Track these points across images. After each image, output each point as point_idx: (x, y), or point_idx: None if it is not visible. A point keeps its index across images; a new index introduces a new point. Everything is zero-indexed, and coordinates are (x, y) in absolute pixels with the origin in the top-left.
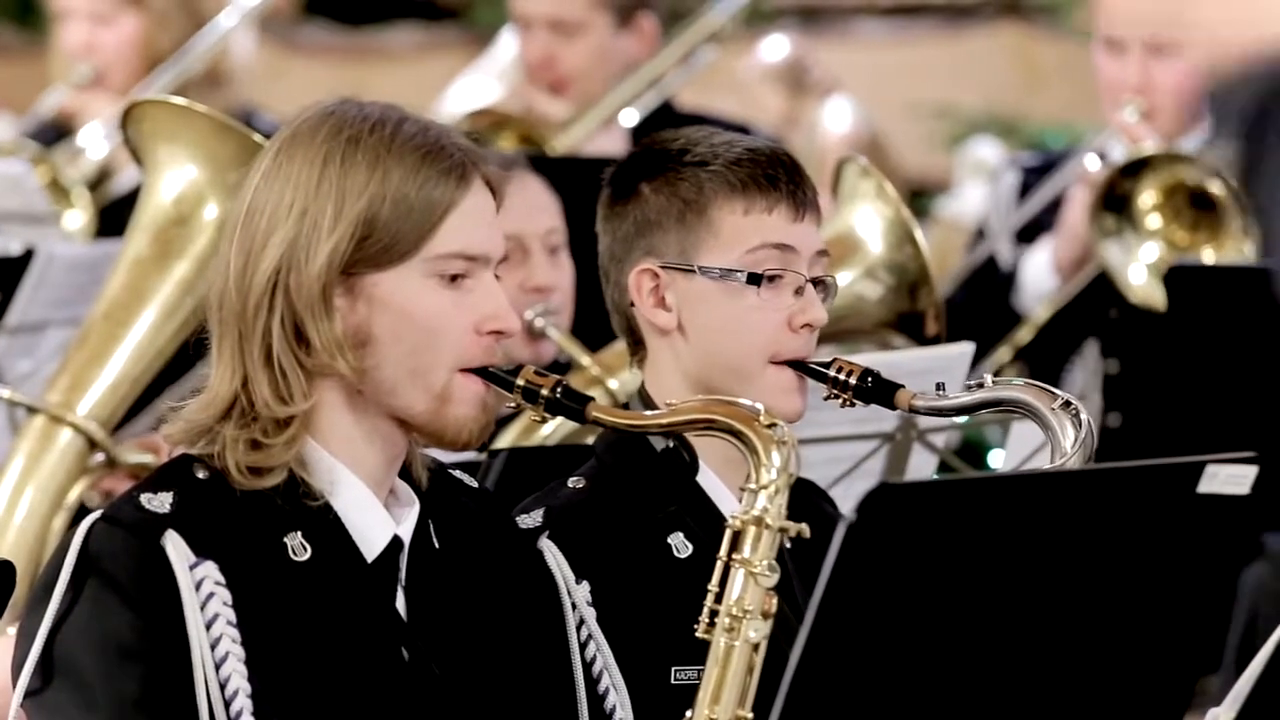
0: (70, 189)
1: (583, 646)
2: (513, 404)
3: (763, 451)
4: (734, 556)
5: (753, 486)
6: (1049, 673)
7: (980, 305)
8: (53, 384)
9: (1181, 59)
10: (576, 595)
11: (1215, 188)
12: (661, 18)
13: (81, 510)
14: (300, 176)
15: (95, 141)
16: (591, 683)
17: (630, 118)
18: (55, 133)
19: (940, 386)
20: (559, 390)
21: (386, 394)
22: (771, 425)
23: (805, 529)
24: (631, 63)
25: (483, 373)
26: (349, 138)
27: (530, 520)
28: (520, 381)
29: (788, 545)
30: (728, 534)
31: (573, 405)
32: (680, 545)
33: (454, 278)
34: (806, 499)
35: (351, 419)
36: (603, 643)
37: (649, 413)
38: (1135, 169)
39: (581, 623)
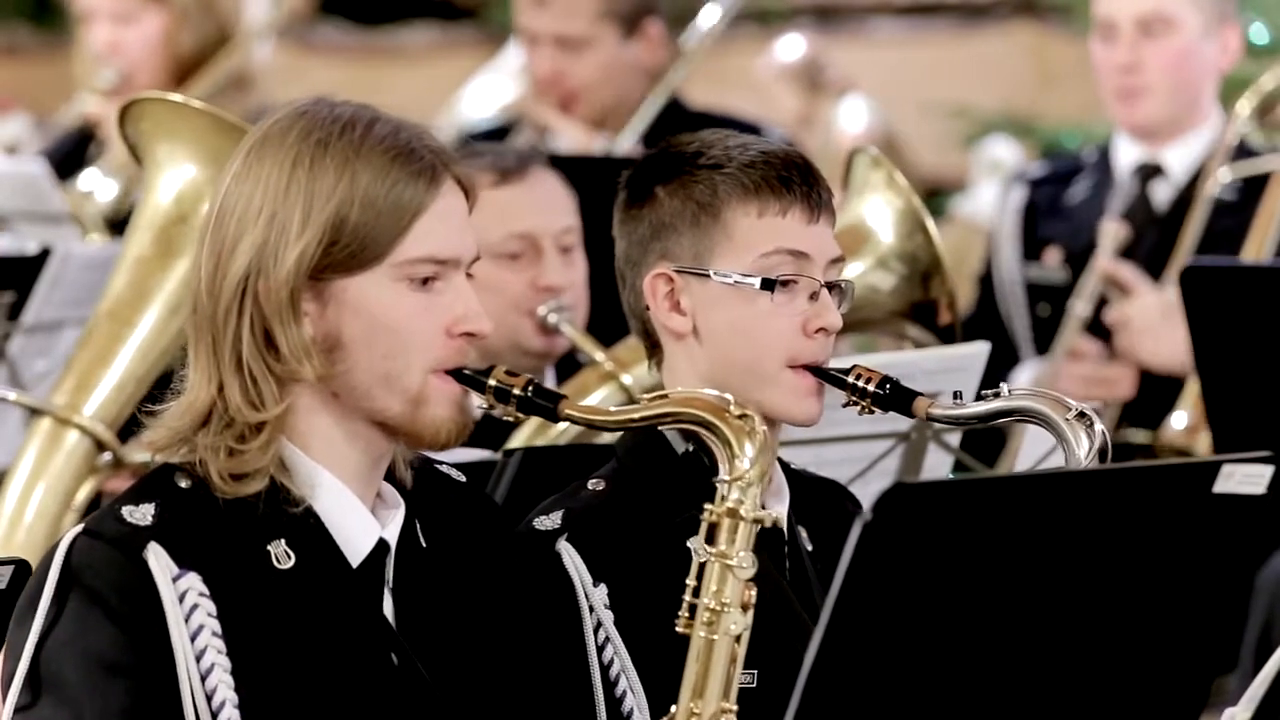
0: (88, 222)
1: (600, 649)
2: (485, 404)
3: (735, 443)
4: (709, 549)
5: (726, 478)
6: (1065, 672)
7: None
8: (58, 385)
9: (1170, 40)
10: (594, 598)
11: None
12: (665, 19)
13: (92, 509)
14: (269, 179)
15: (99, 183)
16: (609, 685)
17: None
18: (79, 137)
19: (957, 395)
20: (530, 389)
21: (362, 398)
22: (743, 416)
23: (782, 518)
24: (641, 69)
25: (455, 374)
26: (318, 140)
27: (549, 522)
28: (492, 381)
29: (808, 547)
30: (703, 527)
31: (545, 404)
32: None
33: (425, 280)
34: (831, 499)
35: (330, 422)
36: (620, 645)
37: (619, 408)
38: None
39: (599, 625)
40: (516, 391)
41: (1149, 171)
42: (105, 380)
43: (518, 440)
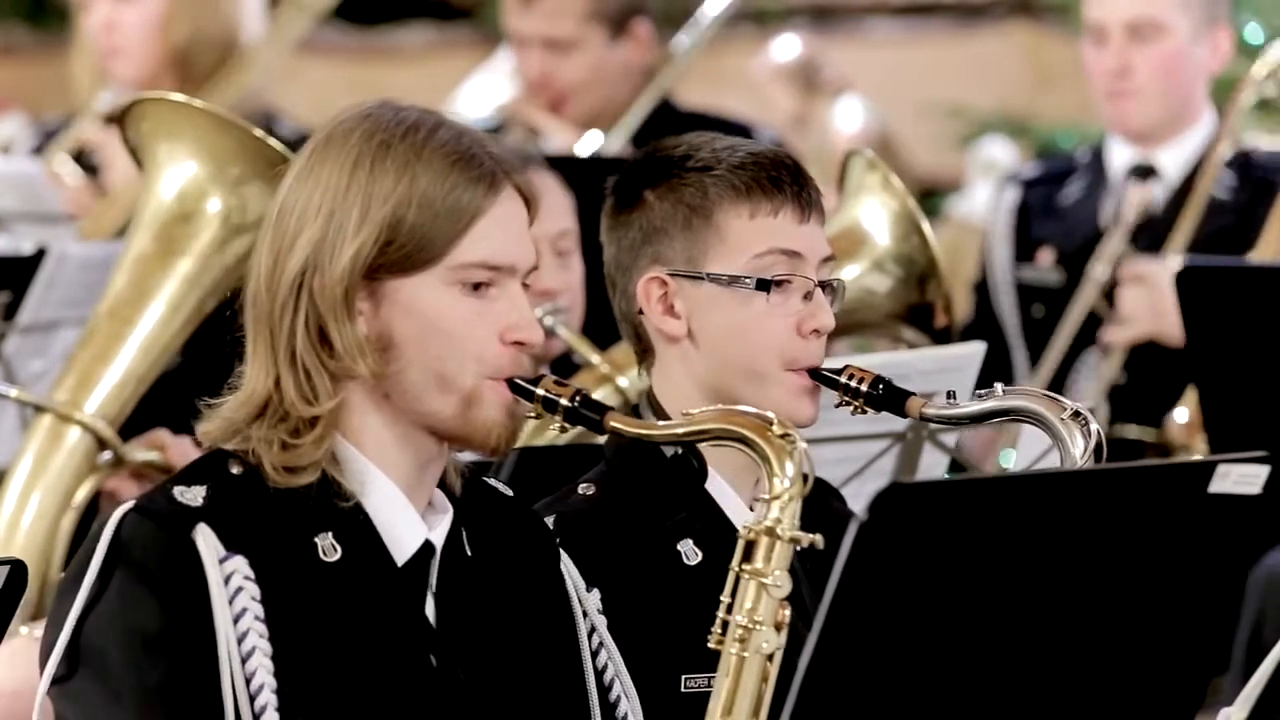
0: None
1: (594, 654)
2: (533, 413)
3: (775, 461)
4: (745, 567)
5: (765, 496)
6: (1061, 673)
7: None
8: (60, 383)
9: (1160, 44)
10: (588, 603)
11: None
12: (655, 19)
13: (90, 510)
14: (330, 178)
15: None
16: (603, 690)
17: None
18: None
19: (951, 395)
20: (578, 400)
21: (414, 400)
22: (784, 435)
23: (819, 539)
24: (630, 69)
25: (507, 382)
26: (381, 142)
27: None
28: (540, 391)
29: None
30: (740, 544)
31: (591, 415)
32: (690, 552)
33: (478, 286)
34: (818, 497)
35: (382, 421)
36: (614, 650)
37: (664, 423)
38: None
39: (593, 630)
40: (564, 402)
41: (1143, 172)
42: (106, 378)
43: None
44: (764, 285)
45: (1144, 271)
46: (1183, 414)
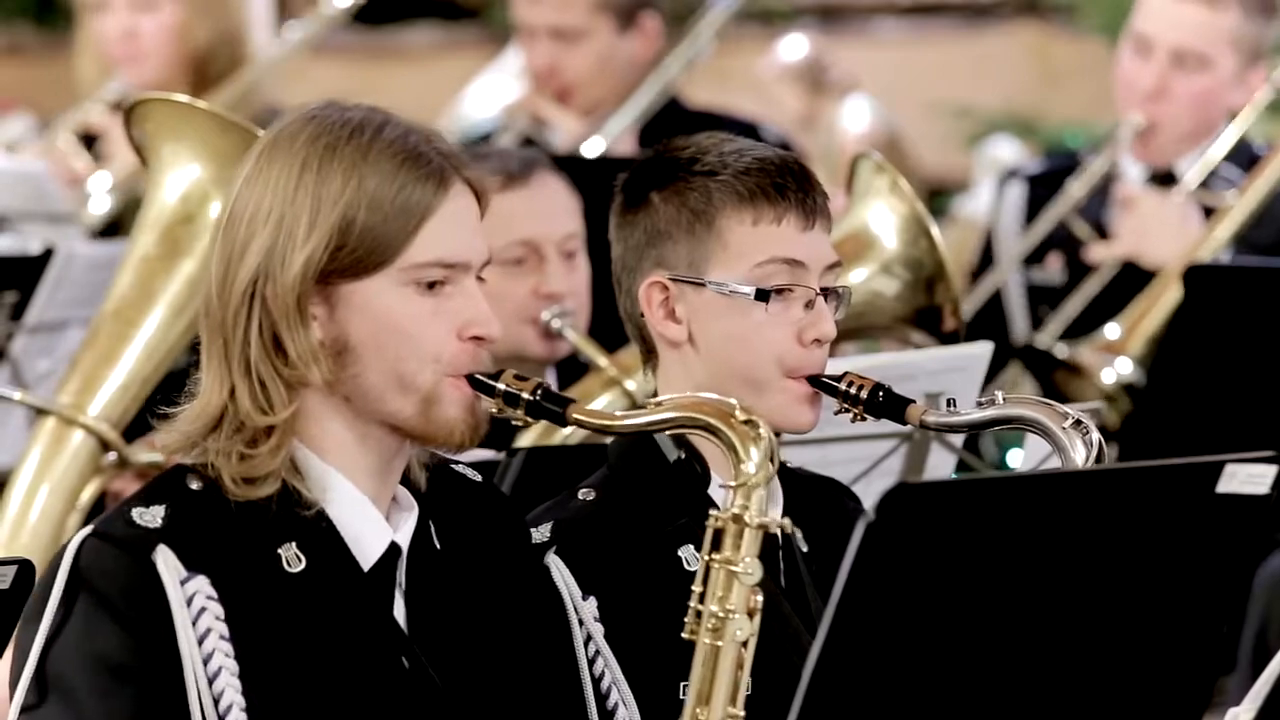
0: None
1: (590, 662)
2: (495, 409)
3: (741, 448)
4: (714, 556)
5: (732, 484)
6: (1068, 673)
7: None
8: (63, 385)
9: (1200, 78)
10: (584, 611)
11: None
12: (664, 15)
13: (96, 510)
14: (278, 183)
15: (100, 191)
16: (600, 698)
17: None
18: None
19: (951, 402)
20: (539, 393)
21: (374, 401)
22: (749, 421)
23: (788, 523)
24: (636, 63)
25: (466, 378)
26: (327, 144)
27: (539, 534)
28: (501, 386)
29: (803, 549)
30: (708, 533)
31: (553, 408)
32: (691, 558)
33: (432, 284)
34: (829, 497)
35: (342, 426)
36: (610, 658)
37: (623, 413)
38: None
39: (589, 639)
40: (525, 396)
41: (1164, 179)
42: (110, 380)
43: (525, 440)
44: (763, 295)
45: (1134, 195)
46: (1114, 330)
